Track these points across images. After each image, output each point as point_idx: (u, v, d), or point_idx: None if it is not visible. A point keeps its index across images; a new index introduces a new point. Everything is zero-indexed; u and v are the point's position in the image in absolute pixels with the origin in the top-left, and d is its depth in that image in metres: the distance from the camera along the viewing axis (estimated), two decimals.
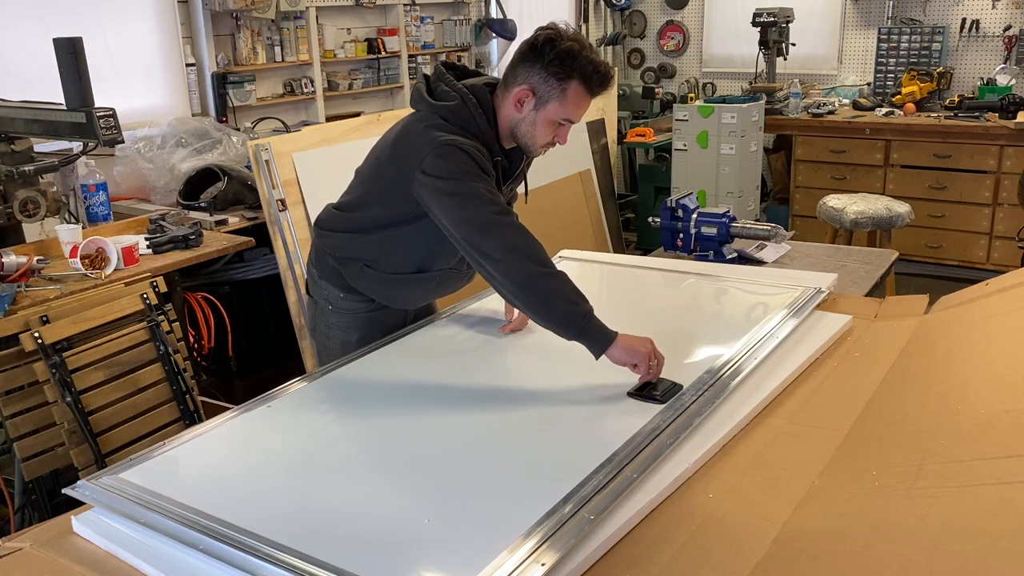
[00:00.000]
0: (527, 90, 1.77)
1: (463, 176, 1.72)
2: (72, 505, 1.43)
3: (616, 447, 1.43)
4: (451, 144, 1.72)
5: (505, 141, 1.86)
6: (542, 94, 1.76)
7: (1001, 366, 1.60)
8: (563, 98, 1.76)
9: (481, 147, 1.78)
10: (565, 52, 1.72)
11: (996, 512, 1.15)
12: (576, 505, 1.27)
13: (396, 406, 1.72)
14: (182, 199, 3.49)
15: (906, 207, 4.02)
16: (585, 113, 1.83)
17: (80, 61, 2.67)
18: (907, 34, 5.53)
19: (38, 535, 1.36)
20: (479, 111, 1.80)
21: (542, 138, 1.82)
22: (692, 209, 2.73)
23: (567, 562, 1.17)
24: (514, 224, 1.73)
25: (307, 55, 4.50)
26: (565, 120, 1.79)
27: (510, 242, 1.69)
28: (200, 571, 1.22)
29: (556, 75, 1.74)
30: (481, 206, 1.70)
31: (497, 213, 1.71)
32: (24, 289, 2.51)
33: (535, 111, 1.78)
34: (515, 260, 1.68)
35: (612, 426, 1.56)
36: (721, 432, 1.52)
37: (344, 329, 2.04)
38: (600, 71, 1.76)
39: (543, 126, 1.80)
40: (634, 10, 6.71)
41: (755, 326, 1.94)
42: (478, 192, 1.71)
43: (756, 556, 1.18)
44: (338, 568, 1.15)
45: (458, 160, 1.72)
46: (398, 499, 1.38)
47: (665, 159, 5.51)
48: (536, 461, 1.48)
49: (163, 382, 2.64)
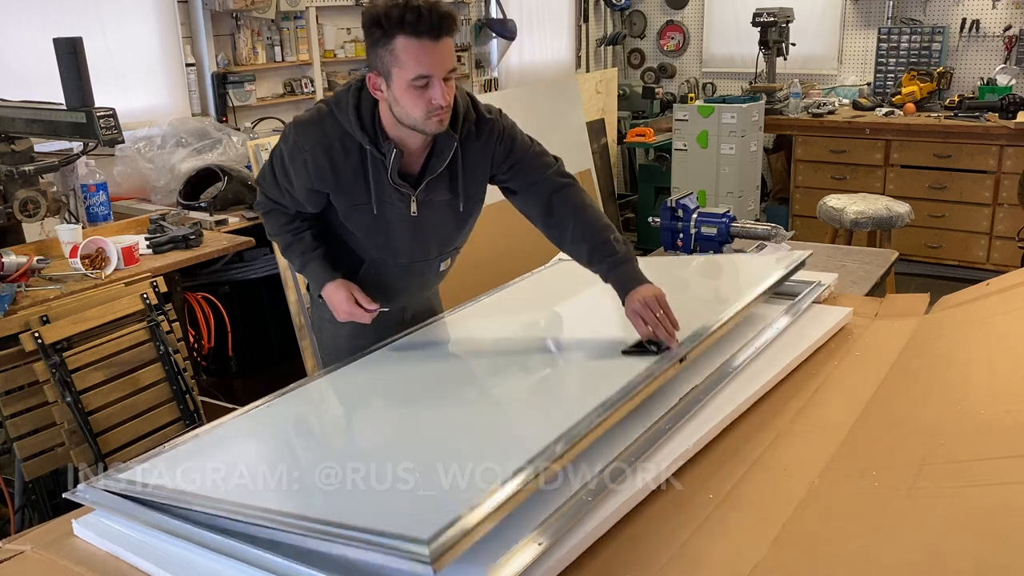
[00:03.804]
0: (373, 74, 1.73)
1: (266, 170, 1.94)
2: (72, 506, 1.43)
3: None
4: (277, 146, 1.89)
5: (396, 130, 1.79)
6: (383, 69, 1.71)
7: (1001, 366, 1.60)
8: (399, 61, 1.68)
9: (332, 145, 1.78)
10: (377, 17, 1.66)
11: (996, 513, 1.15)
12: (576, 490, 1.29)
13: (395, 406, 1.72)
14: (182, 199, 3.49)
15: (906, 207, 4.02)
16: (445, 62, 1.70)
17: (80, 61, 2.67)
18: (907, 34, 5.53)
19: (39, 537, 1.36)
20: (353, 106, 1.78)
21: (414, 108, 1.72)
22: (692, 209, 2.73)
23: (564, 542, 1.18)
24: (262, 214, 2.01)
25: (307, 55, 4.50)
26: (419, 79, 1.68)
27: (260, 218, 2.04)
28: (204, 569, 1.21)
29: (380, 43, 1.68)
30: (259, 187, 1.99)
31: (258, 191, 1.99)
32: (24, 289, 2.51)
33: (389, 88, 1.72)
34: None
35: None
36: (719, 418, 1.53)
37: (334, 323, 2.03)
38: (419, 12, 1.64)
39: (404, 97, 1.71)
40: (634, 10, 6.71)
41: (747, 296, 1.95)
42: (264, 171, 1.95)
43: (756, 556, 1.18)
44: (337, 562, 1.15)
45: (274, 157, 1.89)
46: (399, 499, 1.38)
47: (665, 159, 5.51)
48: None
49: (163, 382, 2.64)
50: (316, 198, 1.87)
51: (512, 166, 1.89)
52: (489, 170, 1.91)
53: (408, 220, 1.86)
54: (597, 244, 1.83)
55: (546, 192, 1.88)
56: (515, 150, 1.89)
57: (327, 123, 1.80)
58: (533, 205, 1.90)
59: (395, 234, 1.90)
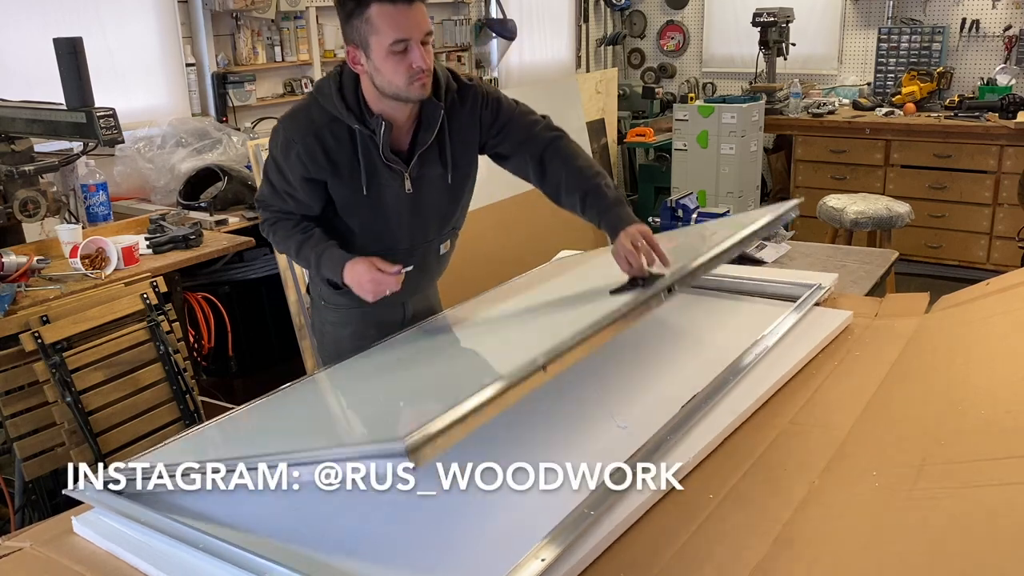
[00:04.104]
0: (352, 47, 1.74)
1: (263, 188, 1.93)
2: (72, 505, 1.43)
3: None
4: (275, 131, 1.87)
5: (380, 104, 1.80)
6: (360, 40, 1.72)
7: (1002, 366, 1.60)
8: (375, 28, 1.69)
9: (321, 130, 1.79)
10: None
11: (997, 513, 1.15)
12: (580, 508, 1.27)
13: (388, 370, 1.74)
14: (182, 199, 3.49)
15: (906, 207, 4.02)
16: (421, 24, 1.70)
17: (80, 61, 2.67)
18: (907, 34, 5.53)
19: (38, 535, 1.36)
20: (335, 89, 1.80)
21: (396, 76, 1.72)
22: (692, 209, 2.74)
23: (567, 558, 1.17)
24: (268, 228, 1.95)
25: (307, 55, 4.50)
26: (397, 43, 1.70)
27: (266, 236, 1.98)
28: (201, 570, 1.21)
29: (355, 14, 1.69)
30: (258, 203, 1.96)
31: (259, 211, 1.95)
32: (24, 289, 2.51)
33: (369, 59, 1.73)
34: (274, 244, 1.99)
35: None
36: (723, 426, 1.52)
37: (336, 324, 2.03)
38: None
39: (385, 65, 1.72)
40: (634, 10, 6.71)
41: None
42: (262, 189, 1.93)
43: (756, 556, 1.18)
44: (337, 567, 1.15)
45: (268, 167, 1.89)
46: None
47: (665, 159, 5.51)
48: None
49: (163, 382, 2.64)
50: (315, 190, 1.86)
51: (501, 128, 1.91)
52: (478, 137, 1.92)
53: (404, 199, 1.87)
54: (589, 191, 1.85)
55: (538, 149, 1.90)
56: (502, 111, 1.91)
57: (313, 111, 1.82)
58: (527, 164, 1.92)
59: (393, 216, 1.90)
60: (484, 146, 1.94)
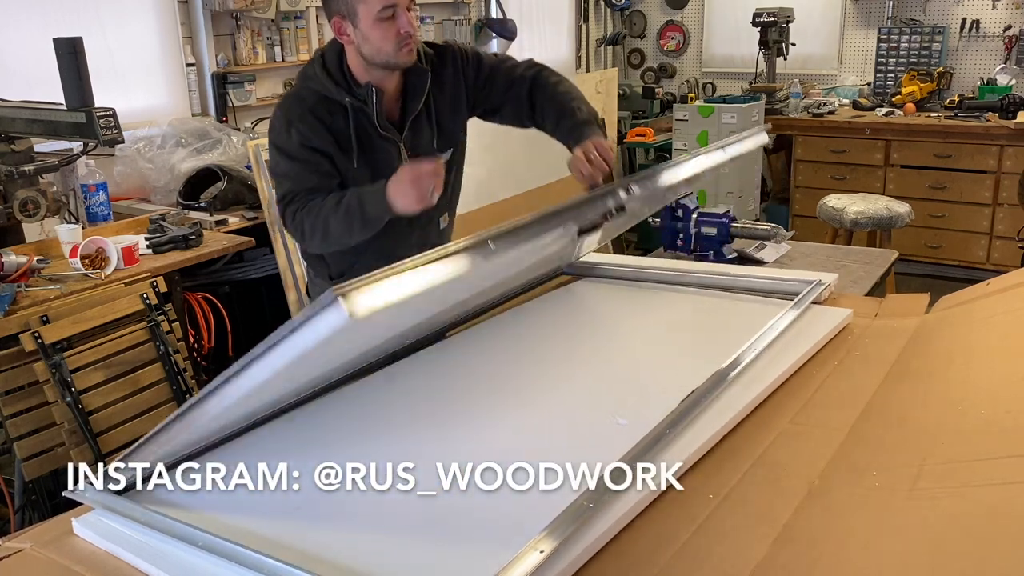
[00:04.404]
0: (337, 19, 1.77)
1: (280, 185, 1.88)
2: (72, 505, 1.43)
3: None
4: (276, 112, 1.89)
5: (367, 74, 1.82)
6: (347, 10, 1.74)
7: (1002, 366, 1.60)
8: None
9: (315, 106, 1.81)
10: None
11: (997, 513, 1.15)
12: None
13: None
14: (182, 199, 3.49)
15: (906, 207, 4.02)
16: None
17: (80, 61, 2.67)
18: (907, 34, 5.53)
19: (38, 536, 1.36)
20: (320, 68, 1.83)
21: (384, 43, 1.75)
22: (692, 209, 2.73)
23: (565, 550, 1.17)
24: (302, 218, 1.83)
25: (307, 55, 4.49)
26: (386, 9, 1.72)
27: (296, 234, 1.87)
28: (201, 570, 1.21)
29: None
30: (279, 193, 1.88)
31: (287, 210, 1.85)
32: (24, 289, 2.51)
33: (356, 28, 1.75)
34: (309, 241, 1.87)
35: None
36: (723, 422, 1.52)
37: None
38: None
39: (373, 32, 1.74)
40: (634, 10, 6.70)
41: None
42: (281, 187, 1.87)
43: (756, 556, 1.18)
44: (337, 565, 1.15)
45: (276, 166, 1.87)
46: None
47: (665, 159, 5.51)
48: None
49: (163, 382, 2.64)
50: (325, 160, 1.85)
51: (486, 80, 1.95)
52: (465, 96, 1.95)
53: None
54: (564, 114, 1.91)
55: (525, 89, 1.96)
56: (483, 64, 1.97)
57: (303, 92, 1.86)
58: (518, 108, 1.97)
59: None
60: (474, 104, 1.97)
